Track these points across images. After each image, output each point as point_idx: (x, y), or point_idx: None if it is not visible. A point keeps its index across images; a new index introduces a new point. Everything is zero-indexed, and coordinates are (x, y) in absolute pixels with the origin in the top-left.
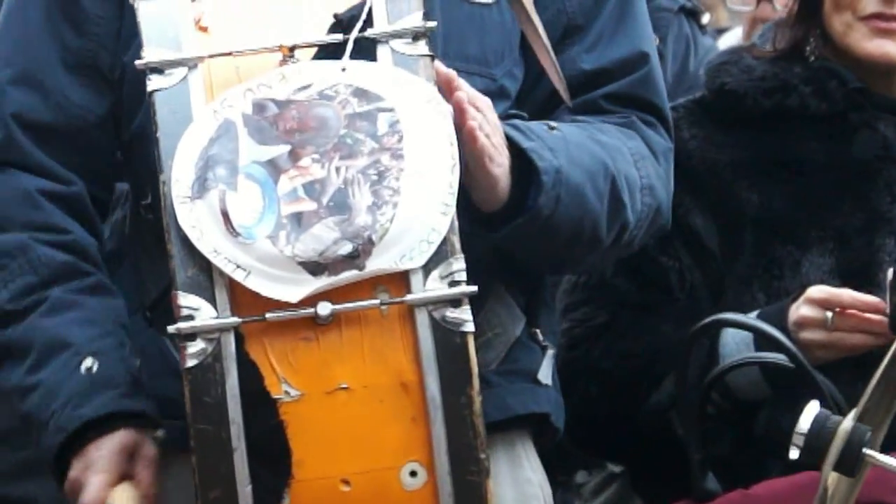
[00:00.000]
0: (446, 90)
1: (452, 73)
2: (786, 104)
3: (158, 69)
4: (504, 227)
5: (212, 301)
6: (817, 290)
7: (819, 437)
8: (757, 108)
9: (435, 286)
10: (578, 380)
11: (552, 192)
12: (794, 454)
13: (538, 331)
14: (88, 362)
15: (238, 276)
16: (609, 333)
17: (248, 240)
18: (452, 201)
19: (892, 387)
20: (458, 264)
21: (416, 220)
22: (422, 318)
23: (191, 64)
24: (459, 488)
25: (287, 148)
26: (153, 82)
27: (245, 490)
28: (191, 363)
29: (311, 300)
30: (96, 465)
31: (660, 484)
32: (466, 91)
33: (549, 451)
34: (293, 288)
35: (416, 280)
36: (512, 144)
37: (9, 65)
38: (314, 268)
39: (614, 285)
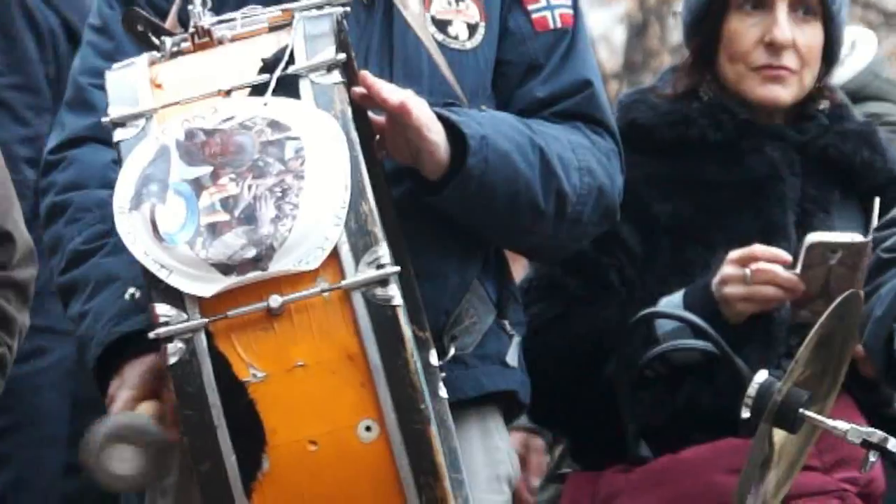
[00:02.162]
0: (363, 94)
1: (366, 76)
2: (687, 134)
3: (121, 123)
4: (446, 189)
5: (182, 308)
6: (736, 251)
7: (763, 399)
8: (663, 137)
9: (364, 271)
10: (538, 362)
11: (480, 154)
12: (744, 414)
13: (507, 321)
14: (132, 290)
15: (162, 274)
16: (563, 322)
17: (171, 244)
18: (344, 214)
19: (825, 361)
20: (382, 250)
21: (312, 230)
22: (357, 299)
23: (147, 115)
24: (407, 436)
25: (210, 169)
26: (117, 134)
27: (230, 460)
28: (172, 361)
29: (263, 295)
30: (127, 383)
31: (598, 452)
32: (385, 88)
33: None
34: (207, 285)
35: (348, 267)
36: (444, 122)
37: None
38: (224, 269)
39: (564, 283)
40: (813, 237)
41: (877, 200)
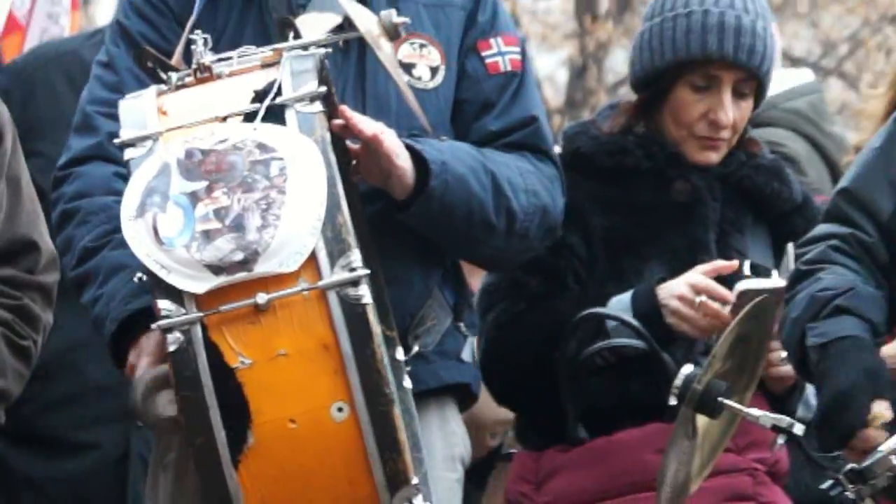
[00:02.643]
0: (342, 126)
1: (345, 110)
2: (624, 162)
3: (131, 144)
4: (412, 207)
5: (181, 303)
6: (696, 279)
7: (687, 388)
8: (603, 164)
9: (339, 273)
10: (503, 352)
11: (440, 178)
12: (671, 401)
13: (462, 324)
14: (139, 275)
15: (162, 273)
16: (526, 316)
17: (170, 247)
18: (320, 225)
19: (742, 357)
20: (355, 256)
21: (292, 238)
22: (332, 298)
23: (154, 137)
24: (373, 416)
25: (205, 183)
26: (127, 153)
27: (221, 435)
28: (171, 349)
29: (252, 293)
30: (145, 351)
31: (541, 433)
32: (361, 120)
33: None
34: (200, 283)
35: (325, 270)
36: (410, 150)
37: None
38: (216, 269)
39: (526, 283)
40: (743, 285)
41: (790, 247)
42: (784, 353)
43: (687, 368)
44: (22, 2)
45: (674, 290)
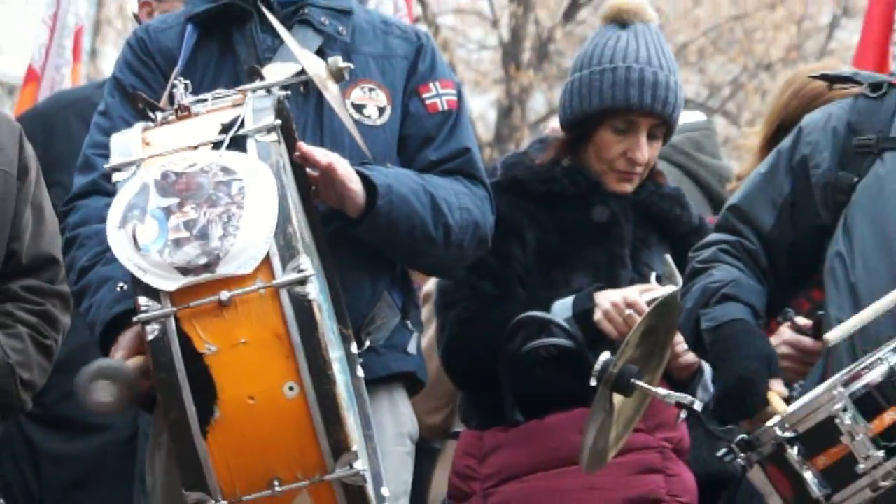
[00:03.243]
0: (303, 156)
1: (302, 146)
2: (553, 188)
3: (118, 168)
4: (363, 223)
5: (157, 300)
6: (634, 295)
7: (604, 371)
8: (536, 190)
9: (289, 274)
10: (464, 345)
11: (386, 198)
12: (592, 383)
13: (409, 321)
14: (121, 284)
15: (139, 274)
16: (483, 315)
17: (146, 252)
18: (272, 234)
19: (651, 346)
20: (303, 260)
21: (248, 245)
22: (283, 295)
23: (137, 163)
24: (319, 394)
25: (177, 200)
26: (115, 176)
27: (192, 410)
28: (150, 338)
29: (217, 291)
30: (121, 346)
31: (483, 416)
32: (318, 152)
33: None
34: (171, 283)
35: (277, 272)
36: (361, 175)
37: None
38: (184, 271)
39: (482, 287)
40: (649, 296)
41: (668, 257)
42: (685, 346)
43: (605, 355)
44: (39, 55)
45: (609, 297)
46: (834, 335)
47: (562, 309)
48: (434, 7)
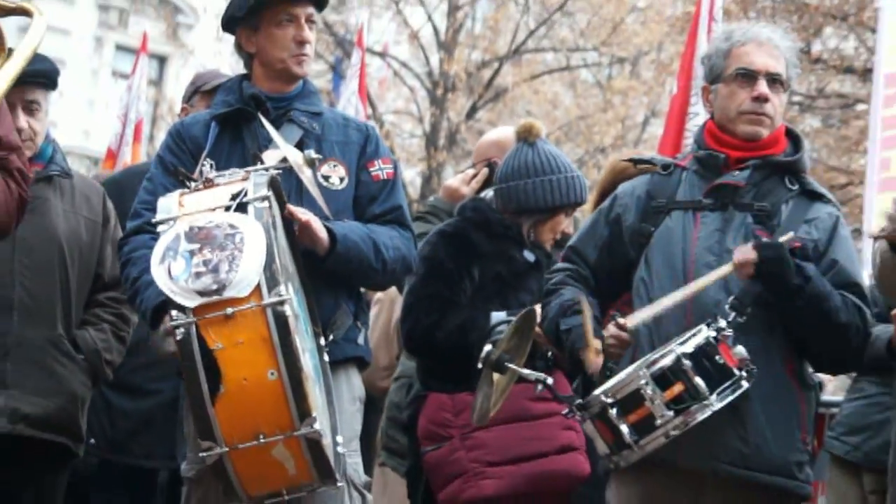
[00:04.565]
0: (289, 214)
1: (289, 207)
2: (508, 233)
3: (161, 222)
4: (328, 260)
5: (184, 312)
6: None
7: (488, 357)
8: (496, 231)
9: (272, 297)
10: (430, 337)
11: (343, 244)
12: (479, 365)
13: (359, 322)
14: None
15: (172, 295)
16: (445, 315)
17: (176, 281)
18: (261, 270)
19: (518, 342)
20: (282, 287)
21: (245, 278)
22: (268, 311)
23: (174, 219)
24: (291, 378)
25: (199, 245)
26: (159, 228)
27: (205, 386)
28: (178, 338)
29: (223, 307)
30: (163, 328)
31: (447, 382)
32: (299, 212)
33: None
34: (192, 301)
35: (265, 296)
36: (326, 227)
37: (143, 197)
38: (201, 294)
39: (443, 293)
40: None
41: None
42: (599, 345)
43: (488, 346)
44: (115, 140)
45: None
46: (631, 321)
47: (497, 318)
48: (380, 109)
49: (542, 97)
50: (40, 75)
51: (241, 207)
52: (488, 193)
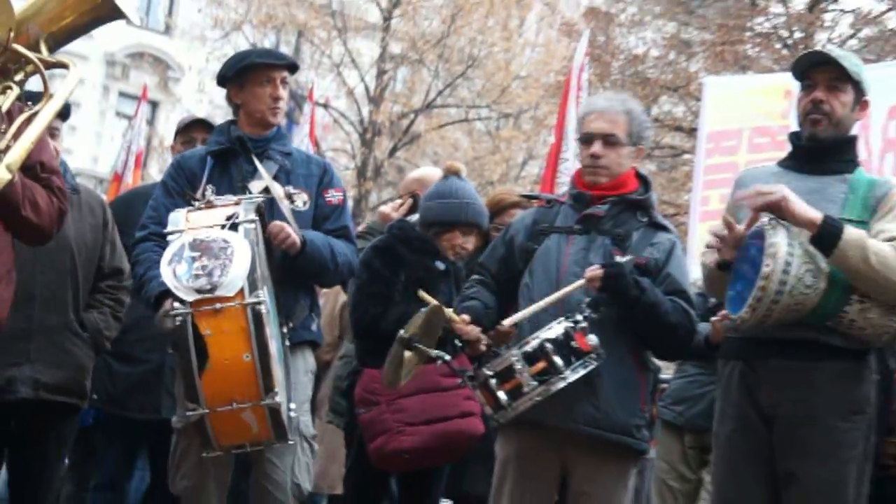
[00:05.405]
0: (273, 232)
1: (272, 227)
2: (423, 247)
3: (171, 233)
4: (299, 259)
5: (183, 304)
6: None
7: (402, 340)
8: (415, 245)
9: (252, 298)
10: (372, 324)
11: (310, 247)
12: (394, 345)
13: (313, 314)
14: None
15: (175, 290)
16: (386, 309)
17: (180, 279)
18: (245, 276)
19: (427, 329)
20: (261, 290)
21: (233, 281)
22: (249, 309)
23: (181, 232)
24: (261, 361)
25: (199, 254)
26: (169, 238)
27: (194, 362)
28: (178, 323)
29: (214, 303)
30: (163, 310)
31: (379, 361)
32: (280, 228)
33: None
34: (190, 296)
35: (247, 296)
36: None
37: (149, 213)
38: (198, 291)
39: (383, 292)
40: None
41: (422, 292)
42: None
43: (401, 331)
44: (120, 166)
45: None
46: (507, 321)
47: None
48: (323, 147)
49: (446, 142)
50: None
51: (234, 227)
52: (412, 217)
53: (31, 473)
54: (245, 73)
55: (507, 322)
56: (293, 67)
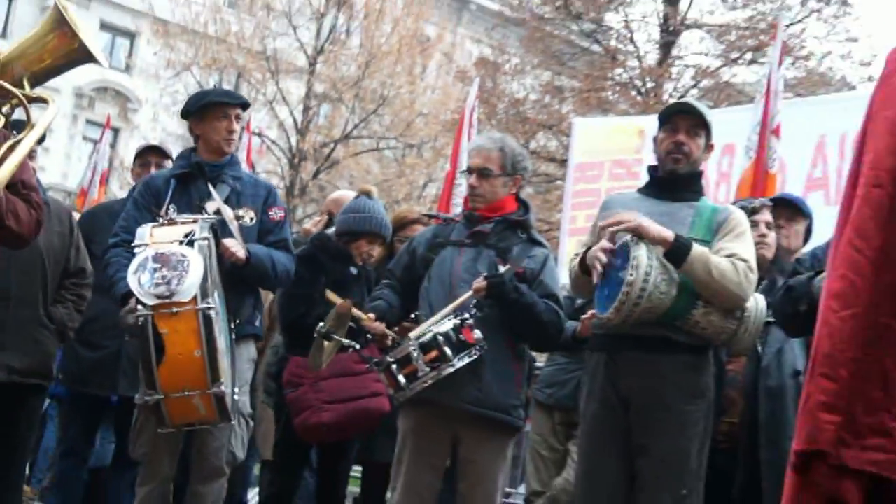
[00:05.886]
0: (224, 248)
1: (223, 244)
2: (339, 254)
3: (137, 246)
4: (245, 269)
5: (145, 307)
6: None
7: (322, 331)
8: (331, 252)
9: (204, 304)
10: (299, 321)
11: (254, 259)
12: (314, 335)
13: (256, 311)
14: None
15: (138, 295)
16: (309, 308)
17: (143, 286)
18: (198, 285)
19: (339, 323)
20: (212, 297)
21: (188, 289)
22: (200, 313)
23: (145, 244)
24: (210, 356)
25: (160, 265)
26: (136, 250)
27: (153, 356)
28: (140, 322)
29: (171, 307)
30: (128, 307)
31: (303, 351)
32: (230, 244)
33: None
34: (151, 301)
35: (200, 301)
36: (246, 250)
37: (121, 223)
38: (158, 297)
39: (305, 294)
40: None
41: (329, 293)
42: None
43: (320, 325)
44: (86, 182)
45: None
46: (414, 332)
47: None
48: (258, 169)
49: (360, 167)
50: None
51: (190, 243)
52: (329, 231)
53: (7, 441)
54: (205, 109)
55: (412, 335)
56: (245, 105)
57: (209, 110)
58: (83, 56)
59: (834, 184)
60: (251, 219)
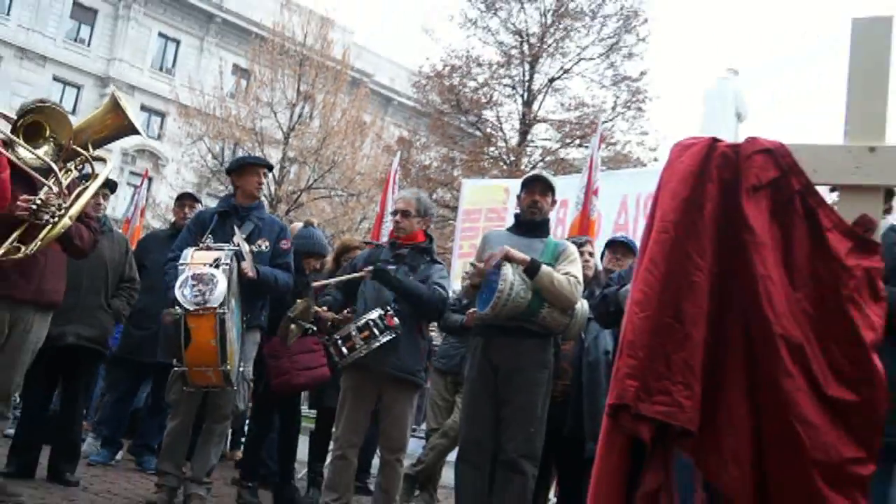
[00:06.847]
0: (242, 270)
1: (242, 267)
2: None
3: (182, 264)
4: (256, 283)
5: (183, 309)
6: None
7: (287, 317)
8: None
9: (221, 309)
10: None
11: (263, 277)
12: (284, 321)
13: (263, 311)
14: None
15: (182, 302)
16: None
17: (184, 297)
18: (222, 297)
19: (304, 313)
20: (227, 305)
21: (215, 299)
22: (218, 316)
23: (188, 265)
24: (221, 345)
25: (197, 282)
26: (180, 268)
27: (183, 342)
28: (177, 318)
29: (198, 311)
30: (168, 310)
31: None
32: (245, 266)
33: None
34: (190, 306)
35: (218, 308)
36: (257, 270)
37: (177, 243)
38: (195, 305)
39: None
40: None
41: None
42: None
43: (289, 312)
44: (129, 213)
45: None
46: (341, 332)
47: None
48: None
49: (317, 208)
50: (109, 184)
51: (217, 265)
52: None
53: (72, 388)
54: (242, 168)
55: (359, 323)
56: (270, 167)
57: (245, 169)
58: (129, 129)
59: (632, 229)
60: (266, 247)
